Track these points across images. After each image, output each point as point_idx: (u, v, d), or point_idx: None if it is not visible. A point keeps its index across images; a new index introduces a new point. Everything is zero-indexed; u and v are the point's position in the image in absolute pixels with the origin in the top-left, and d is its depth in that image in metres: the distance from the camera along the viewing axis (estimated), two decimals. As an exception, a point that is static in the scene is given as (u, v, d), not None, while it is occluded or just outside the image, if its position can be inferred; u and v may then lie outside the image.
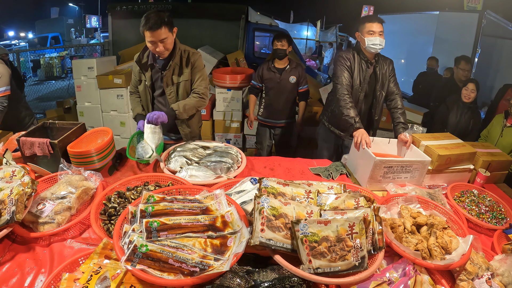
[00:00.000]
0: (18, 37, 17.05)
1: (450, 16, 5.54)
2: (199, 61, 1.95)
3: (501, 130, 2.58)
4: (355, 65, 2.24)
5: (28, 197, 1.21)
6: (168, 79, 1.92)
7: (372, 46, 2.11)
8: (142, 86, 1.99)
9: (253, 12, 5.45)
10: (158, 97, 2.03)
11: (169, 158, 1.76)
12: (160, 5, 5.07)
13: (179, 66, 1.92)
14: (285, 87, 2.96)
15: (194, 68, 1.94)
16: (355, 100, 2.28)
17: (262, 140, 3.21)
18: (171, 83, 1.94)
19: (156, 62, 1.92)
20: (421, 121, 4.18)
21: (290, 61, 2.96)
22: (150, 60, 1.91)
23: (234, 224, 1.10)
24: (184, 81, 1.94)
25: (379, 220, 1.19)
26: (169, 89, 1.95)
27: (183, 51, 1.92)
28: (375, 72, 2.28)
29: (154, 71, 1.95)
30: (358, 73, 2.25)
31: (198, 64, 1.95)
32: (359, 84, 2.27)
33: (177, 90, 1.96)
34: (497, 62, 5.17)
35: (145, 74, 1.94)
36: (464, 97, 2.90)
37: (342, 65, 2.25)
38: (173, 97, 1.97)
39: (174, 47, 1.87)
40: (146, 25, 1.70)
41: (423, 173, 1.77)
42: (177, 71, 1.92)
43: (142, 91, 2.01)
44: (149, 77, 1.94)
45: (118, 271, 0.98)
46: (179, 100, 1.96)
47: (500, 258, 1.28)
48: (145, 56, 1.93)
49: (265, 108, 3.08)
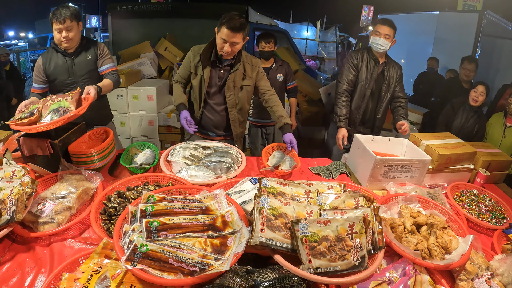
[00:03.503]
0: (18, 37, 17.06)
1: (450, 16, 5.53)
2: (261, 67, 2.10)
3: (503, 131, 2.56)
4: (363, 62, 2.38)
5: (28, 197, 1.21)
6: (230, 81, 1.97)
7: (374, 44, 2.27)
8: (197, 80, 2.01)
9: (253, 12, 5.44)
10: (212, 95, 2.05)
11: (171, 155, 1.77)
12: (160, 5, 5.06)
13: (243, 71, 1.99)
14: (274, 86, 2.95)
15: (259, 73, 2.06)
16: (361, 96, 2.42)
17: (255, 140, 3.23)
18: (233, 85, 1.99)
19: (219, 61, 1.96)
20: (421, 121, 4.18)
21: (275, 59, 2.98)
22: (213, 56, 1.94)
23: (234, 224, 1.10)
24: (247, 85, 2.03)
25: (379, 220, 1.19)
26: (230, 91, 2.00)
27: (246, 57, 2.01)
28: (383, 73, 2.40)
29: (214, 69, 1.98)
30: (365, 69, 2.38)
31: (262, 69, 2.10)
32: (365, 79, 2.39)
33: (238, 93, 2.03)
34: (497, 62, 5.16)
35: (205, 69, 1.96)
36: (472, 99, 2.71)
37: (348, 63, 2.41)
38: (232, 99, 2.03)
39: (239, 52, 1.94)
40: (228, 23, 1.76)
41: (423, 173, 1.77)
42: (241, 75, 1.99)
43: (197, 85, 2.03)
44: (207, 73, 1.96)
45: (118, 271, 0.98)
46: (237, 103, 2.06)
47: (500, 258, 1.28)
48: (209, 51, 1.96)
49: (255, 109, 3.09)
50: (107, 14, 4.92)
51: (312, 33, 13.53)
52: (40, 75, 2.06)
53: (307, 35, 13.30)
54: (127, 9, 4.85)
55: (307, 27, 13.54)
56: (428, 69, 5.00)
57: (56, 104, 1.57)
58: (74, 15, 1.93)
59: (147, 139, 3.78)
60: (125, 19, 4.85)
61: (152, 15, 4.81)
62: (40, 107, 1.58)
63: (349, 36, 14.77)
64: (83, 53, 2.09)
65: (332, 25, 12.71)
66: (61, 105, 1.55)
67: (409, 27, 6.35)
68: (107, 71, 2.13)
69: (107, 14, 4.93)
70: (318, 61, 11.28)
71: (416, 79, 5.12)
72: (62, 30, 1.92)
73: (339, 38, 11.72)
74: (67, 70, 2.07)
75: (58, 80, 2.07)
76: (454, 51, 5.10)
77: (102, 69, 2.13)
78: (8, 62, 4.44)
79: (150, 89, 3.64)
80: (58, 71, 2.06)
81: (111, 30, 5.04)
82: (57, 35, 1.95)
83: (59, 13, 1.87)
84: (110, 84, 2.03)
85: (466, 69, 3.59)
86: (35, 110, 1.57)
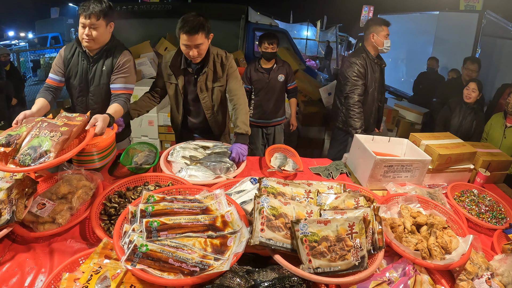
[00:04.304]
0: (18, 37, 17.07)
1: (450, 16, 5.54)
2: (232, 63, 1.95)
3: (503, 131, 2.56)
4: (367, 68, 2.36)
5: (28, 197, 1.21)
6: (202, 84, 1.93)
7: (387, 47, 2.26)
8: (172, 89, 1.99)
9: (253, 12, 5.45)
10: (190, 101, 2.03)
11: (171, 155, 1.77)
12: (160, 5, 5.07)
13: (213, 71, 1.92)
14: (275, 87, 2.98)
15: (229, 75, 1.95)
16: (372, 100, 2.42)
17: (255, 140, 3.23)
18: (205, 88, 1.94)
19: (189, 67, 1.92)
20: (421, 121, 4.19)
21: (276, 60, 2.98)
22: (183, 64, 1.91)
23: (234, 224, 1.10)
24: (218, 87, 1.96)
25: (379, 220, 1.19)
26: (203, 94, 1.96)
27: (216, 55, 1.91)
28: (381, 72, 2.43)
29: (187, 76, 1.94)
30: (371, 75, 2.37)
31: (232, 64, 1.95)
32: (373, 85, 2.38)
33: (211, 95, 1.98)
34: (497, 62, 5.16)
35: (178, 78, 1.93)
36: (465, 97, 2.82)
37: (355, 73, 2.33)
38: (207, 102, 1.99)
39: (207, 52, 1.86)
40: (183, 28, 1.69)
41: (423, 173, 1.77)
42: (211, 77, 1.93)
43: (173, 94, 2.00)
44: (181, 81, 1.94)
45: (118, 271, 0.98)
46: (213, 105, 2.00)
47: (500, 258, 1.28)
48: (178, 60, 1.91)
49: (256, 109, 3.10)
50: (107, 14, 4.92)
51: (312, 33, 13.54)
52: (59, 65, 1.82)
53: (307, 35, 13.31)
54: (127, 9, 4.85)
55: (307, 27, 13.56)
56: (428, 69, 5.01)
57: (37, 139, 1.28)
58: (104, 13, 1.67)
59: (147, 139, 3.79)
60: (125, 19, 4.86)
61: (152, 15, 4.82)
62: (24, 136, 1.31)
63: (349, 36, 14.78)
64: (102, 60, 1.81)
65: (332, 25, 12.73)
66: (42, 145, 1.25)
67: (409, 27, 6.36)
68: (117, 92, 1.80)
69: (107, 14, 4.94)
70: (318, 61, 11.29)
71: (416, 79, 5.13)
72: (86, 26, 1.66)
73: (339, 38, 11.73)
74: (81, 74, 1.83)
75: (71, 80, 1.86)
76: (454, 51, 5.10)
77: (113, 88, 1.82)
78: (8, 62, 4.44)
79: (150, 89, 3.64)
80: (74, 71, 1.84)
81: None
82: (80, 29, 1.70)
83: (87, 6, 1.64)
84: (120, 111, 1.73)
85: (468, 69, 3.61)
86: (17, 138, 1.29)
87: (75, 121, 1.42)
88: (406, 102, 5.03)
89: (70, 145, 1.38)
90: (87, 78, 1.83)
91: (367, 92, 2.40)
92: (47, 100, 1.75)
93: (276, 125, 3.14)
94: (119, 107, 1.72)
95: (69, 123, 1.39)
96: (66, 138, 1.31)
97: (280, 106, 3.10)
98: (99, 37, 1.71)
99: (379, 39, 2.27)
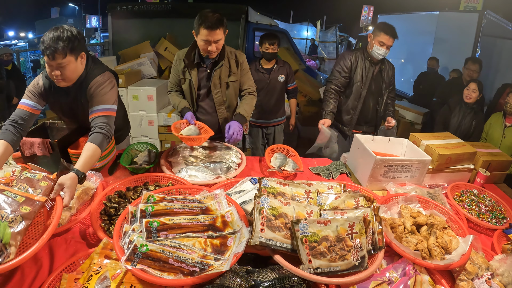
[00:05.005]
0: (18, 37, 17.07)
1: (450, 16, 5.54)
2: (245, 61, 2.02)
3: (503, 131, 2.57)
4: (358, 63, 2.43)
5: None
6: (216, 79, 1.95)
7: (377, 53, 2.31)
8: (186, 84, 2.00)
9: (253, 12, 5.44)
10: (203, 96, 2.04)
11: (171, 155, 1.77)
12: (160, 5, 5.07)
13: (228, 67, 1.96)
14: (275, 87, 2.98)
15: (243, 70, 2.01)
16: (357, 96, 2.50)
17: (255, 140, 3.23)
18: (219, 83, 1.97)
19: (203, 62, 1.94)
20: (421, 121, 4.19)
21: (276, 60, 2.98)
22: (197, 59, 1.93)
23: (234, 224, 1.10)
24: (233, 82, 2.00)
25: (379, 220, 1.19)
26: (216, 89, 1.97)
27: (230, 52, 1.96)
28: (381, 72, 2.46)
29: (200, 70, 1.96)
30: (361, 70, 2.43)
31: (246, 64, 2.02)
32: (360, 80, 2.44)
33: (225, 90, 2.01)
34: (497, 62, 5.16)
35: (191, 72, 1.95)
36: (465, 97, 2.82)
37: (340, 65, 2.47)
38: (219, 97, 2.01)
39: (222, 47, 1.89)
40: (204, 23, 1.70)
41: (423, 173, 1.77)
42: (226, 72, 1.96)
43: (187, 89, 2.02)
44: (195, 76, 1.95)
45: (118, 271, 0.98)
46: (225, 100, 2.02)
47: (500, 258, 1.28)
48: (192, 55, 1.93)
49: (256, 109, 3.09)
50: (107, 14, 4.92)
51: (312, 33, 13.55)
52: (37, 91, 1.51)
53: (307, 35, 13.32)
54: (127, 9, 4.85)
55: (307, 27, 13.56)
56: (428, 69, 5.00)
57: None
58: (70, 48, 1.35)
59: (147, 139, 3.79)
60: (125, 19, 4.85)
61: (152, 15, 4.81)
62: None
63: (349, 36, 14.79)
64: (80, 92, 1.53)
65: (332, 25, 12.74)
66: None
67: (409, 27, 6.36)
68: (93, 116, 1.47)
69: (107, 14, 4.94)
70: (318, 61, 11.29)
71: (416, 79, 5.12)
72: (53, 67, 1.37)
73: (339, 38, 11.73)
74: (65, 106, 1.61)
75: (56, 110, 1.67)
76: (454, 51, 5.11)
77: (91, 112, 1.49)
78: (11, 61, 4.44)
79: (150, 89, 3.65)
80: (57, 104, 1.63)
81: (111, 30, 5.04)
82: (47, 68, 1.40)
83: (48, 45, 1.32)
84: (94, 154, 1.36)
85: (469, 70, 3.62)
86: None
87: (39, 189, 1.13)
88: (406, 102, 5.04)
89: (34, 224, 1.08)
90: (72, 109, 1.63)
91: (350, 86, 2.47)
92: (7, 141, 1.34)
93: (276, 125, 3.14)
94: (93, 148, 1.36)
95: (31, 198, 1.07)
96: (28, 224, 1.01)
97: (280, 106, 3.11)
98: (70, 75, 1.42)
99: (372, 42, 2.32)
